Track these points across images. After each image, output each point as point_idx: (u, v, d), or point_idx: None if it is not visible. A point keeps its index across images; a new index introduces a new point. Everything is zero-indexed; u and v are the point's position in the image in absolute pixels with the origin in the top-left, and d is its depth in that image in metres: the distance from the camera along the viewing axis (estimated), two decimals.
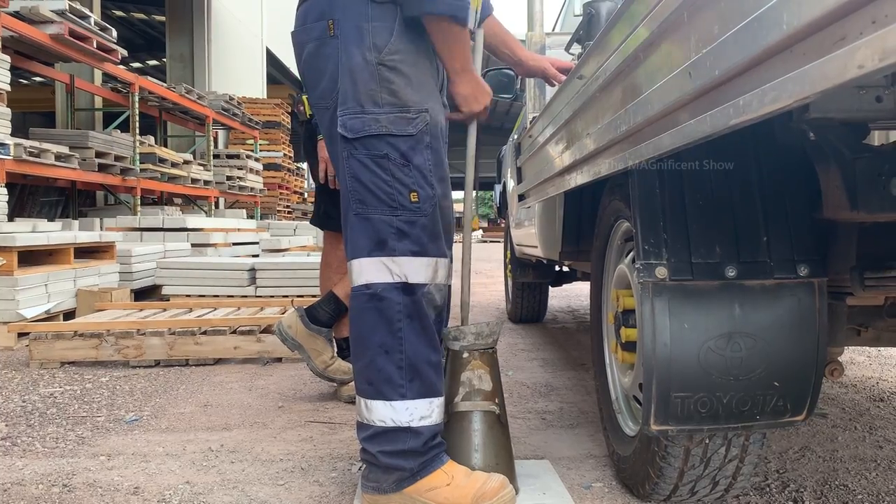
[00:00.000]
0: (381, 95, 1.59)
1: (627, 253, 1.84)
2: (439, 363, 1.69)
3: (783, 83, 0.72)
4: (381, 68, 1.59)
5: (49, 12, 6.32)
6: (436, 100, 1.69)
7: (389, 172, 1.61)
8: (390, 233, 1.61)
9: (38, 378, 3.23)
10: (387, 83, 1.59)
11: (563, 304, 6.05)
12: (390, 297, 1.61)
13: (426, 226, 1.63)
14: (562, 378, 3.21)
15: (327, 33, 1.63)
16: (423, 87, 1.64)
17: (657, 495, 1.68)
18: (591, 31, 2.66)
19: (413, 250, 1.62)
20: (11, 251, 4.09)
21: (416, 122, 1.61)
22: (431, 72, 1.69)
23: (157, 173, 8.77)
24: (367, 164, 1.61)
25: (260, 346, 3.52)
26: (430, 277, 1.64)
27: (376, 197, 1.61)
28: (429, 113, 1.63)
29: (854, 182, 1.24)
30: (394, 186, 1.61)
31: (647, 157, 1.15)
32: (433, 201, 1.64)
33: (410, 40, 1.62)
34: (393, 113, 1.59)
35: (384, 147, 1.60)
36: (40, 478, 1.98)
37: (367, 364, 1.64)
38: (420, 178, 1.62)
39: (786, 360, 1.40)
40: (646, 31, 1.11)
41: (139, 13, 16.55)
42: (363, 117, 1.59)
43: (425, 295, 1.63)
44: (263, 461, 2.11)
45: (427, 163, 1.64)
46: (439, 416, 1.67)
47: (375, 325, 1.63)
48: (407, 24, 1.62)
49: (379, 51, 1.59)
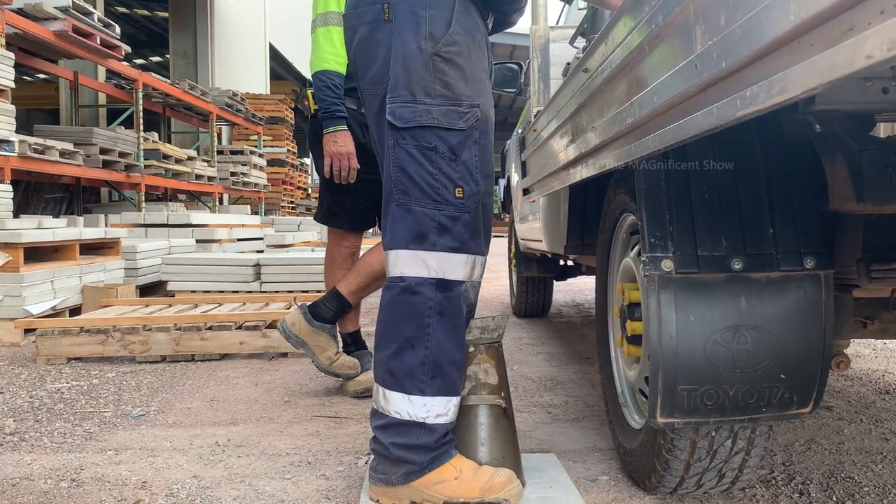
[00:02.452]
0: (434, 86, 1.57)
1: (633, 246, 1.84)
2: (463, 363, 1.68)
3: (791, 74, 0.72)
4: (437, 59, 1.56)
5: (53, 9, 6.33)
6: (487, 95, 1.67)
7: (436, 165, 1.59)
8: (432, 227, 1.59)
9: (45, 374, 3.25)
10: (441, 74, 1.57)
11: (568, 298, 6.05)
12: (423, 291, 1.60)
13: (468, 222, 1.61)
14: (567, 372, 3.21)
15: (382, 17, 1.60)
16: (477, 81, 1.62)
17: (663, 488, 1.69)
18: (595, 24, 2.65)
19: (453, 246, 1.60)
20: (17, 248, 4.10)
21: (468, 117, 1.59)
22: (484, 65, 1.66)
23: (162, 170, 8.78)
24: (415, 155, 1.59)
25: (265, 342, 3.53)
26: (467, 275, 1.63)
27: (421, 189, 1.59)
28: (480, 108, 1.62)
29: (860, 174, 1.24)
30: (439, 180, 1.59)
31: (652, 150, 1.15)
32: (477, 198, 1.62)
33: (467, 31, 1.60)
34: (445, 105, 1.57)
35: (433, 139, 1.58)
36: (49, 473, 1.99)
37: (390, 355, 1.63)
38: (467, 173, 1.61)
39: (792, 352, 1.40)
40: (651, 24, 1.10)
41: (142, 10, 16.55)
42: (414, 107, 1.57)
43: (462, 293, 1.62)
44: (270, 455, 2.11)
45: (475, 158, 1.62)
46: (454, 415, 1.67)
47: (405, 318, 1.61)
48: (463, 14, 1.59)
49: (435, 41, 1.56)
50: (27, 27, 6.13)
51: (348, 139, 2.61)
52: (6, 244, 4.09)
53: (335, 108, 2.58)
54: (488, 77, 1.70)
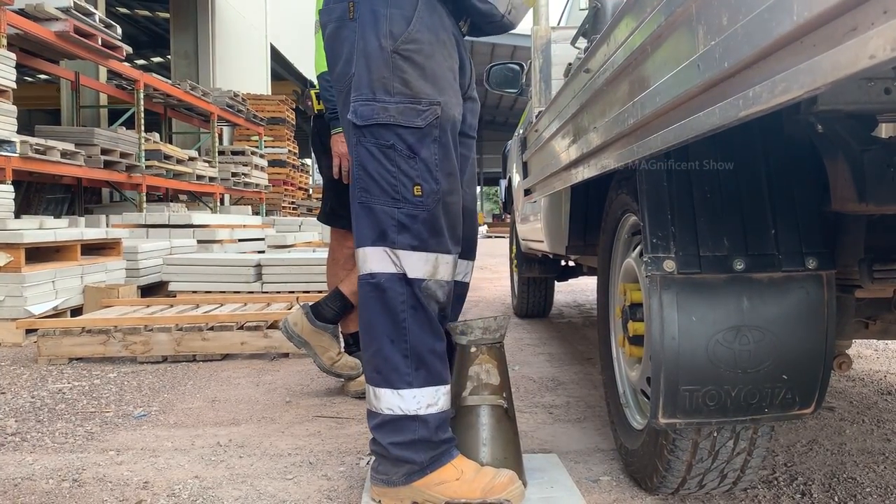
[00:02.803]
0: (392, 84, 1.57)
1: (635, 247, 1.84)
2: (444, 352, 1.69)
3: (793, 74, 0.72)
4: (396, 56, 1.57)
5: (54, 10, 6.34)
6: (451, 93, 1.66)
7: (395, 163, 1.59)
8: (391, 224, 1.60)
9: (47, 374, 3.25)
10: (399, 72, 1.57)
11: (569, 298, 6.05)
12: (393, 287, 1.61)
13: (427, 220, 1.61)
14: (568, 372, 3.21)
15: (347, 15, 1.61)
16: (438, 80, 1.62)
17: (665, 488, 1.69)
18: (597, 25, 2.65)
19: (412, 244, 1.61)
20: (18, 248, 4.10)
21: (426, 115, 1.59)
22: (450, 64, 1.66)
23: (163, 170, 8.78)
24: (374, 152, 1.60)
25: (267, 342, 3.53)
26: (429, 273, 1.63)
27: (380, 187, 1.61)
28: (441, 106, 1.62)
29: (862, 174, 1.24)
30: (398, 178, 1.60)
31: (655, 150, 1.14)
32: (437, 196, 1.62)
33: (430, 29, 1.61)
34: (403, 103, 1.58)
35: (391, 137, 1.59)
36: (50, 473, 1.99)
37: (374, 353, 1.65)
38: (426, 171, 1.61)
39: (794, 352, 1.40)
40: (653, 24, 1.10)
41: (143, 10, 16.57)
42: (373, 105, 1.58)
43: (423, 290, 1.62)
44: (272, 456, 2.11)
45: (434, 157, 1.62)
46: (446, 403, 1.67)
47: (380, 315, 1.63)
48: (427, 13, 1.60)
49: (394, 38, 1.57)
50: (28, 28, 6.14)
51: None
52: (8, 244, 4.09)
53: None
54: (455, 77, 1.69)
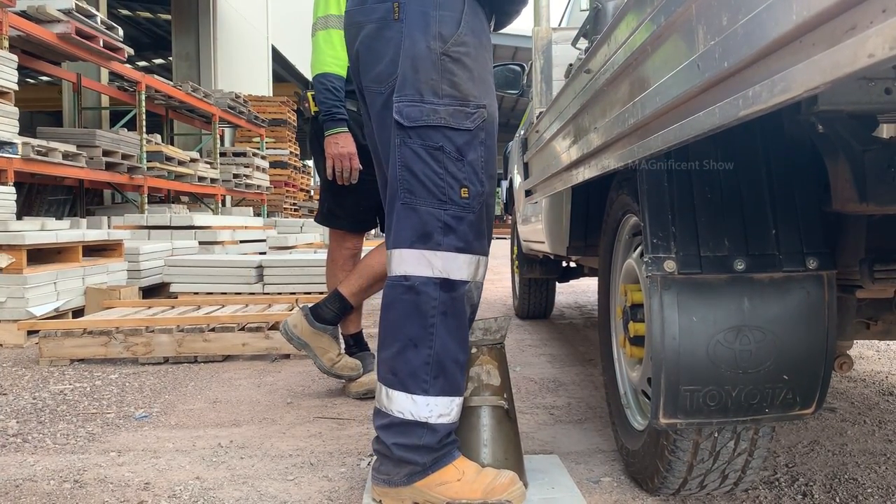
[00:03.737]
0: (441, 86, 1.57)
1: (635, 247, 1.84)
2: (466, 363, 1.68)
3: (793, 73, 0.72)
4: (445, 59, 1.57)
5: (56, 11, 6.35)
6: (493, 96, 1.68)
7: (443, 165, 1.59)
8: (437, 227, 1.59)
9: (48, 375, 3.25)
10: (449, 74, 1.57)
11: (571, 299, 6.04)
12: (427, 291, 1.60)
13: (473, 222, 1.61)
14: (569, 373, 3.21)
15: (391, 16, 1.60)
16: (483, 82, 1.63)
17: (666, 489, 1.68)
18: (597, 26, 2.65)
19: (458, 246, 1.60)
20: (20, 249, 4.11)
21: (475, 117, 1.60)
22: (490, 67, 1.68)
23: (164, 171, 8.79)
24: (421, 154, 1.59)
25: (268, 343, 3.53)
26: (471, 275, 1.63)
27: (426, 189, 1.59)
28: (486, 109, 1.62)
29: (863, 174, 1.24)
30: (445, 180, 1.59)
31: (655, 150, 1.14)
32: (482, 198, 1.63)
33: (474, 32, 1.61)
34: (453, 105, 1.58)
35: (440, 139, 1.58)
36: (51, 474, 1.99)
37: (394, 354, 1.63)
38: (472, 174, 1.61)
39: (795, 353, 1.40)
40: (653, 24, 1.10)
41: (145, 12, 16.60)
42: (422, 106, 1.58)
43: (466, 293, 1.62)
44: (273, 457, 2.11)
45: (480, 159, 1.62)
46: (457, 415, 1.66)
47: (408, 318, 1.61)
48: (472, 15, 1.60)
49: (444, 41, 1.57)
50: (30, 29, 6.15)
51: (349, 140, 2.62)
52: (9, 246, 4.10)
53: (336, 111, 2.59)
54: (493, 79, 1.71)
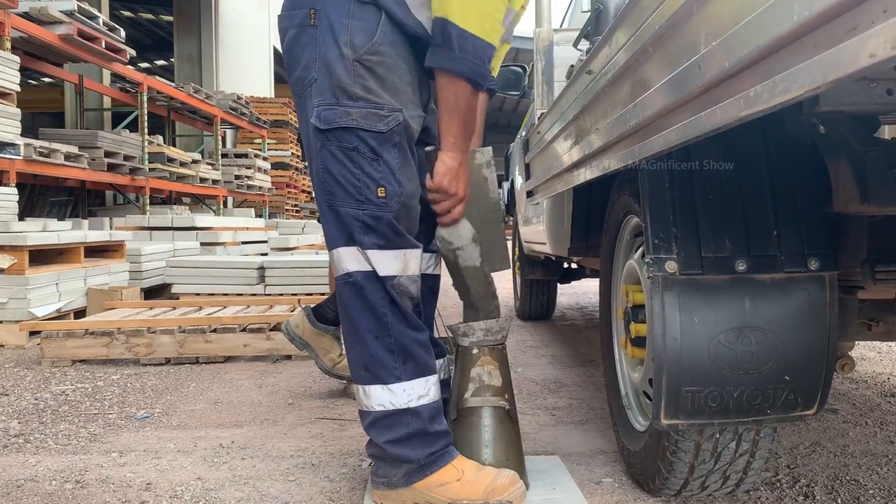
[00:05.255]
0: (354, 90, 1.59)
1: (637, 248, 1.84)
2: (427, 341, 1.70)
3: (794, 74, 0.72)
4: (357, 65, 1.59)
5: (58, 13, 6.35)
6: (411, 106, 1.67)
7: (358, 165, 1.61)
8: (357, 226, 1.62)
9: (50, 376, 3.26)
10: (361, 80, 1.59)
11: (572, 301, 6.04)
12: (370, 283, 1.62)
13: (391, 222, 1.62)
14: (571, 374, 3.20)
15: (308, 22, 1.62)
16: (398, 92, 1.63)
17: (668, 490, 1.68)
18: (599, 27, 2.66)
19: (379, 244, 1.62)
20: (22, 250, 4.11)
21: (389, 120, 1.61)
22: (409, 80, 1.66)
23: (166, 173, 8.79)
24: (338, 155, 1.61)
25: (270, 344, 3.53)
26: (399, 269, 1.64)
27: (344, 189, 1.62)
28: (402, 114, 1.63)
29: (865, 175, 1.24)
30: (362, 180, 1.61)
31: (656, 151, 1.15)
32: (400, 199, 1.63)
33: (392, 45, 1.62)
34: (366, 108, 1.59)
35: (354, 140, 1.60)
36: (53, 474, 1.99)
37: (360, 351, 1.66)
38: (388, 173, 1.62)
39: (796, 354, 1.40)
40: (654, 25, 1.11)
41: (147, 13, 16.61)
42: (336, 109, 1.60)
43: (395, 287, 1.63)
44: (274, 457, 2.11)
45: (396, 160, 1.63)
46: (436, 393, 1.68)
47: (362, 313, 1.64)
48: (390, 30, 1.61)
49: (356, 49, 1.58)
50: (32, 31, 6.16)
51: None
52: (11, 247, 4.10)
53: None
54: (413, 91, 1.68)
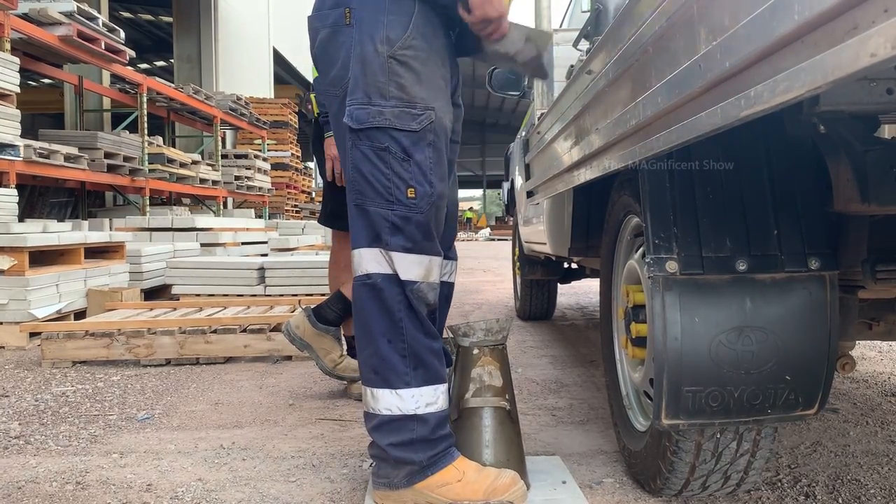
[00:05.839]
0: (388, 88, 1.59)
1: (637, 248, 1.84)
2: (440, 350, 1.70)
3: (795, 73, 0.72)
4: (392, 62, 1.59)
5: (57, 14, 6.35)
6: (444, 100, 1.68)
7: (389, 166, 1.61)
8: (385, 226, 1.62)
9: (51, 377, 3.25)
10: (395, 77, 1.59)
11: (572, 301, 6.04)
12: (390, 286, 1.62)
13: (421, 223, 1.63)
14: (571, 375, 3.20)
15: (343, 21, 1.63)
16: (432, 86, 1.64)
17: (668, 490, 1.68)
18: (599, 27, 2.66)
19: (406, 246, 1.62)
20: (22, 251, 4.11)
21: (421, 119, 1.61)
22: (442, 73, 1.68)
23: (166, 174, 8.80)
24: (369, 155, 1.62)
25: (270, 345, 3.53)
26: (421, 275, 1.64)
27: (374, 189, 1.62)
28: (435, 111, 1.64)
29: (865, 175, 1.24)
30: (391, 180, 1.61)
31: (657, 150, 1.15)
32: (430, 199, 1.64)
33: (424, 37, 1.63)
34: (399, 107, 1.60)
35: (386, 140, 1.61)
36: (54, 475, 1.99)
37: (371, 353, 1.66)
38: (419, 174, 1.62)
39: (797, 353, 1.40)
40: (655, 25, 1.10)
41: (146, 14, 16.63)
42: (369, 108, 1.60)
43: (414, 292, 1.63)
44: (275, 458, 2.11)
45: (428, 160, 1.64)
46: (444, 402, 1.68)
47: (377, 316, 1.64)
48: (423, 21, 1.61)
49: (391, 44, 1.59)
50: (32, 32, 6.16)
51: None
52: (12, 248, 4.10)
53: None
54: (446, 85, 1.71)
